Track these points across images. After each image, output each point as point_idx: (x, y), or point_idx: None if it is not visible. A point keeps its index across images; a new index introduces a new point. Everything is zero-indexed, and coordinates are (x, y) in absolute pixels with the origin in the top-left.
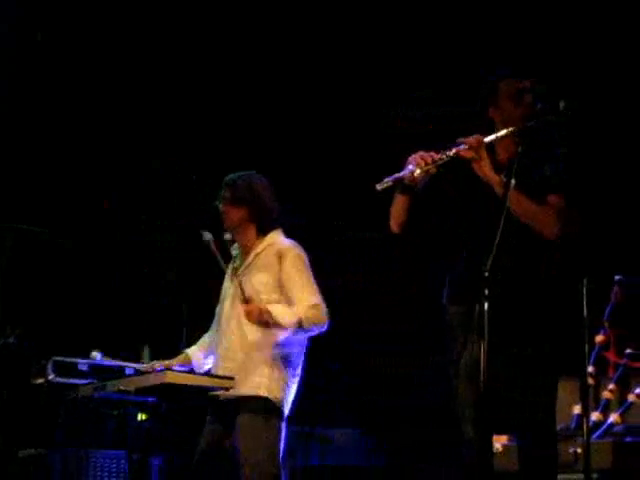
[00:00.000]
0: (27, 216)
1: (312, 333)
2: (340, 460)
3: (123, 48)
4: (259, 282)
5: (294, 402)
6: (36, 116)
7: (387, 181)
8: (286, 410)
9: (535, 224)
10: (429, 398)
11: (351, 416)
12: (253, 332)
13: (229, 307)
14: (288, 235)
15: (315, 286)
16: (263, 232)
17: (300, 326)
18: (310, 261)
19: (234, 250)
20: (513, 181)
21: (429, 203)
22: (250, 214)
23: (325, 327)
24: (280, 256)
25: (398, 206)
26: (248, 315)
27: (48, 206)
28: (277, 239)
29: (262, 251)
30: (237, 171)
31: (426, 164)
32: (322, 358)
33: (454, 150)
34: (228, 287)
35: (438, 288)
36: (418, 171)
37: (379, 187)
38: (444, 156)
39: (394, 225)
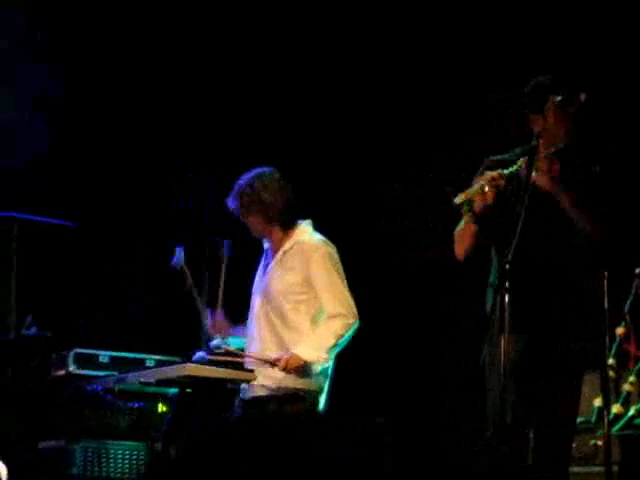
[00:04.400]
0: (33, 206)
1: (346, 342)
2: None
3: (125, 49)
4: (288, 282)
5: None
6: None
7: (463, 196)
8: (321, 404)
9: (582, 225)
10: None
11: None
12: (284, 329)
13: (259, 305)
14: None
15: (341, 286)
16: (288, 228)
17: (332, 349)
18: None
19: (265, 244)
20: (534, 174)
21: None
22: (266, 217)
23: (355, 327)
24: (306, 256)
25: (467, 235)
26: (285, 370)
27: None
28: (304, 236)
29: (290, 249)
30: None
31: (493, 179)
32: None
33: (517, 163)
34: (259, 282)
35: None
36: (487, 187)
37: (457, 201)
38: (510, 169)
39: (460, 254)
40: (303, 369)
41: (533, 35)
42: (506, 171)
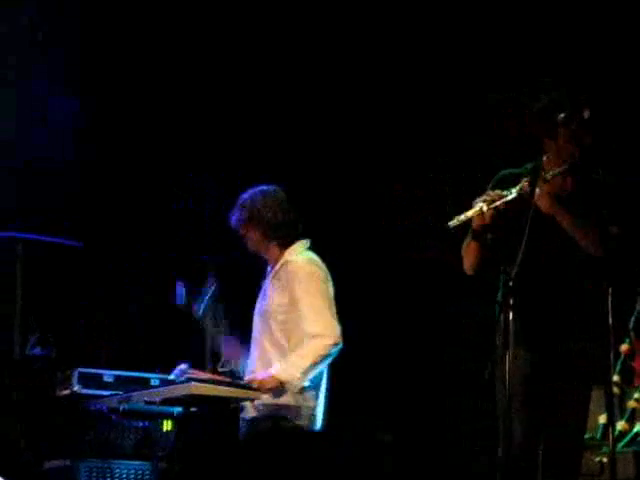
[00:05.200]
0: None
1: (326, 363)
2: None
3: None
4: (276, 302)
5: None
6: None
7: (459, 219)
8: (314, 425)
9: (584, 245)
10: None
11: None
12: (272, 349)
13: (255, 325)
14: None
15: (322, 306)
16: (284, 246)
17: (308, 374)
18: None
19: (268, 266)
20: (538, 190)
21: (498, 248)
22: (265, 234)
23: (337, 348)
24: (291, 276)
25: (470, 251)
26: (262, 390)
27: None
28: (292, 255)
29: (279, 268)
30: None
31: (493, 201)
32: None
33: (518, 187)
34: (258, 302)
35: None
36: (485, 207)
37: (451, 225)
38: (509, 193)
39: (468, 268)
40: (279, 389)
41: (533, 35)
42: (505, 192)
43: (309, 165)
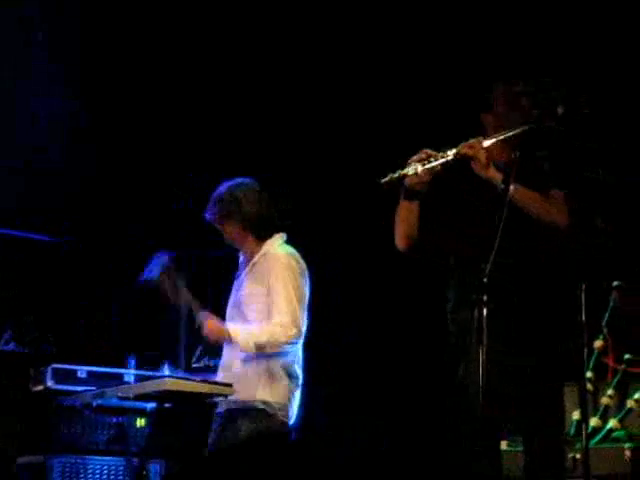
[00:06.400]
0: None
1: (278, 351)
2: None
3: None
4: (253, 293)
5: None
6: None
7: (392, 176)
8: (290, 420)
9: (546, 216)
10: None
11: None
12: None
13: (230, 316)
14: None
15: (292, 298)
16: (262, 239)
17: (259, 349)
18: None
19: (240, 257)
20: (512, 187)
21: (434, 211)
22: (242, 226)
23: (295, 344)
24: (269, 267)
25: (403, 215)
26: (208, 333)
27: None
28: (272, 247)
29: (257, 260)
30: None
31: (429, 161)
32: None
33: (455, 150)
34: (233, 294)
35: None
36: (420, 168)
37: (384, 181)
38: (445, 154)
39: (400, 240)
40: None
41: (533, 35)
42: (442, 153)
43: (308, 165)
